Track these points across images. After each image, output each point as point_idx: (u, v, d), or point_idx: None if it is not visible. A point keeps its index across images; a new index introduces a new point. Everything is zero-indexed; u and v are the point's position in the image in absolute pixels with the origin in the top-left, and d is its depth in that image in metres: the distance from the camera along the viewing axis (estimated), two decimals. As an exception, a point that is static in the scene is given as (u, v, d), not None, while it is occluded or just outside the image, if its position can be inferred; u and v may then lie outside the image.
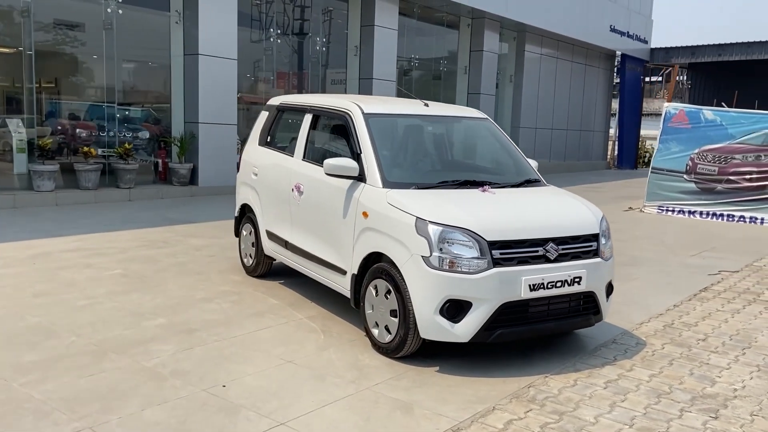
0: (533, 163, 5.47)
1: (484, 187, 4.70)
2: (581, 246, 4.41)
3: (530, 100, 22.48)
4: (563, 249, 4.30)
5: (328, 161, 4.79)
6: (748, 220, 12.28)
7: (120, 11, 12.72)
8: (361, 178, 4.74)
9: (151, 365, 4.18)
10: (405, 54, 18.35)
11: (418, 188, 4.59)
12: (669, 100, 13.65)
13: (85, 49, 13.17)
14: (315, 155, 5.53)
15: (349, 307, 5.43)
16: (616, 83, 26.71)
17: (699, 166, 12.98)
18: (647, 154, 28.25)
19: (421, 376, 4.14)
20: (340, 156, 5.18)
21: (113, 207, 11.03)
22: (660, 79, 46.08)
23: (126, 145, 12.43)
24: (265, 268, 6.42)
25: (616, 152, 26.55)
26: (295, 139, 5.96)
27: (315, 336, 4.84)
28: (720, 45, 25.74)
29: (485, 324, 4.08)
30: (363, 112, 5.04)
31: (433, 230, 4.10)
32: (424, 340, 4.27)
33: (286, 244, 5.69)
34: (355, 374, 4.14)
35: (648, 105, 34.82)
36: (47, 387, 3.80)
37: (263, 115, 6.55)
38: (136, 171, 12.52)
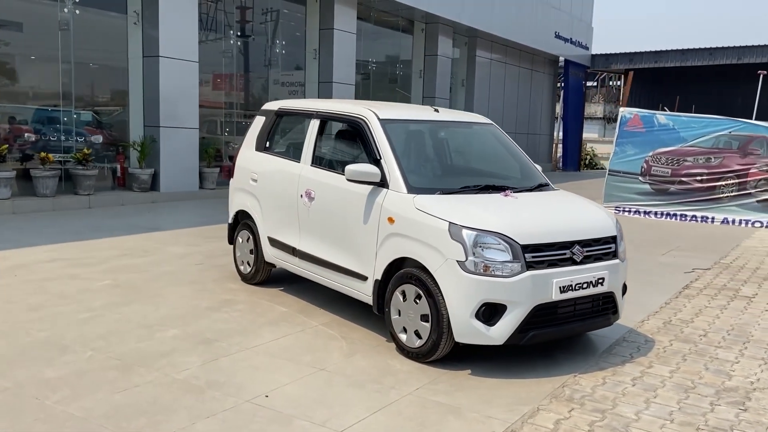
0: (538, 167, 5.61)
1: (506, 191, 4.80)
2: (602, 248, 4.56)
3: (481, 104, 22.89)
4: (587, 251, 4.44)
5: (350, 167, 4.78)
6: (699, 219, 12.88)
7: (77, 11, 12.29)
8: (382, 183, 4.75)
9: (182, 377, 4.08)
10: (362, 57, 18.39)
11: (443, 193, 4.65)
12: (624, 105, 14.17)
13: (38, 52, 12.67)
14: (326, 161, 5.51)
15: (361, 312, 5.46)
16: (560, 88, 27.50)
17: (653, 168, 13.53)
18: (587, 157, 29.24)
19: (456, 380, 4.19)
20: (352, 162, 5.19)
21: (74, 215, 10.65)
22: (595, 84, 47.65)
23: (85, 150, 12.00)
24: (264, 276, 6.34)
25: (560, 154, 27.34)
26: (299, 144, 5.91)
27: (337, 343, 4.82)
28: (657, 52, 26.88)
29: (519, 326, 4.17)
30: (379, 118, 5.06)
31: (468, 235, 4.16)
32: (456, 343, 4.32)
33: (294, 251, 5.64)
34: (392, 380, 4.16)
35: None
36: (83, 404, 3.66)
37: (259, 120, 6.47)
38: (95, 177, 12.12)
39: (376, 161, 4.86)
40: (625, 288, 4.86)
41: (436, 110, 5.57)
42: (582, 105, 27.62)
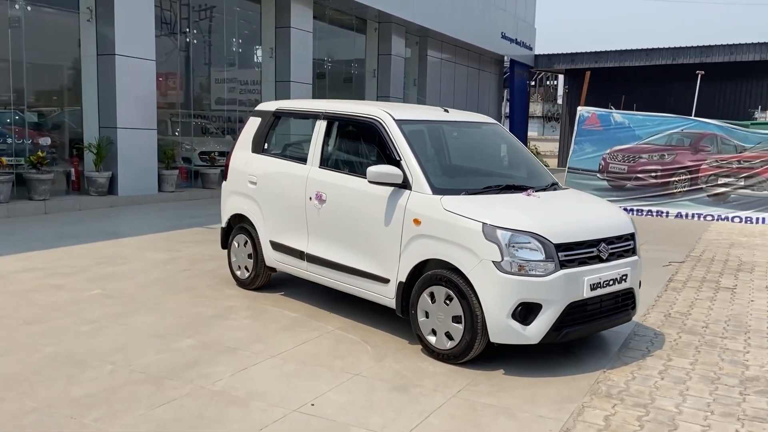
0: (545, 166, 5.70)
1: (528, 191, 4.85)
2: (623, 245, 4.68)
3: (433, 103, 23.04)
4: (611, 249, 4.54)
5: (372, 168, 4.73)
6: (655, 213, 13.37)
7: (28, 8, 11.71)
8: (404, 185, 4.72)
9: (219, 389, 3.94)
10: (317, 57, 18.24)
11: (468, 194, 4.66)
12: (582, 105, 14.56)
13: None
14: (337, 162, 5.43)
15: (373, 315, 5.42)
16: (506, 87, 28.02)
17: (610, 165, 13.97)
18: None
19: (494, 380, 4.21)
20: (367, 163, 5.15)
21: (32, 221, 10.16)
22: (533, 83, 48.85)
23: (39, 153, 11.45)
24: (264, 280, 6.21)
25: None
26: (303, 145, 5.82)
27: (361, 347, 4.77)
28: (596, 53, 27.73)
29: (554, 324, 4.22)
30: (394, 119, 5.02)
31: (503, 235, 4.19)
32: (489, 344, 4.34)
33: (302, 255, 5.54)
34: (431, 383, 4.14)
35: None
36: (125, 421, 3.50)
37: (254, 122, 6.32)
38: (51, 181, 11.59)
39: (396, 162, 4.82)
40: (639, 283, 4.99)
41: (446, 110, 5.58)
42: (527, 104, 28.26)
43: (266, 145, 6.16)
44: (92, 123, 12.77)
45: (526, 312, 4.20)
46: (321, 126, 5.55)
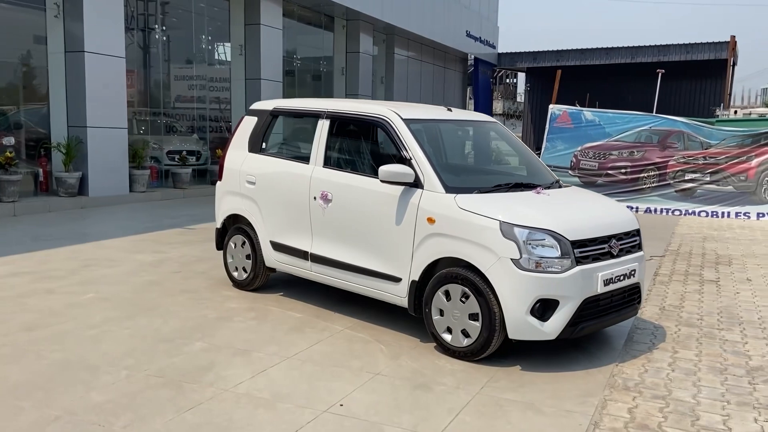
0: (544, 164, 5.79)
1: (537, 189, 4.92)
2: (631, 241, 4.79)
3: (400, 101, 23.15)
4: (621, 244, 4.64)
5: (384, 168, 4.74)
6: (625, 209, 13.67)
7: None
8: (415, 184, 4.74)
9: (243, 391, 3.90)
10: (285, 54, 18.11)
11: (480, 192, 4.70)
12: (553, 103, 14.79)
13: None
14: (343, 162, 5.42)
15: (378, 314, 5.44)
16: (470, 85, 28.28)
17: (582, 162, 14.24)
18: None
19: (513, 377, 4.27)
20: (374, 162, 5.16)
21: (4, 224, 9.88)
22: (493, 81, 49.30)
23: (8, 153, 11.10)
24: (262, 281, 6.15)
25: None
26: (304, 145, 5.78)
27: (375, 346, 4.77)
28: (558, 51, 28.23)
29: (570, 320, 4.30)
30: (402, 118, 5.04)
31: (521, 233, 4.24)
32: (507, 340, 4.40)
33: (306, 255, 5.51)
34: (452, 380, 4.17)
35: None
36: (154, 426, 3.43)
37: (250, 121, 6.25)
38: (20, 182, 11.24)
39: (406, 161, 4.83)
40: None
41: (450, 110, 5.61)
42: (491, 102, 28.58)
43: (264, 144, 6.10)
44: (60, 122, 12.43)
45: (543, 308, 4.27)
46: (323, 125, 5.52)
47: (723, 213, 13.10)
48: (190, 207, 12.43)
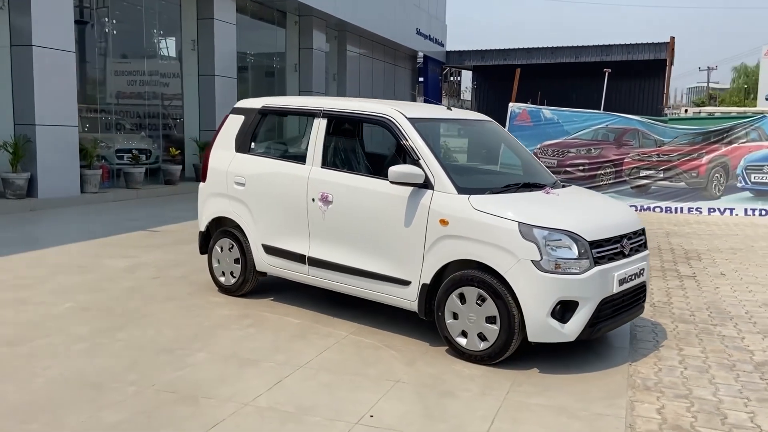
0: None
1: (546, 189, 4.89)
2: (638, 240, 4.82)
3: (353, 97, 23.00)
4: (631, 244, 4.66)
5: (394, 168, 4.61)
6: (583, 206, 13.95)
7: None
8: (425, 184, 4.64)
9: (265, 405, 3.72)
10: (238, 50, 17.69)
11: (492, 193, 4.64)
12: (513, 101, 14.93)
13: None
14: (343, 162, 5.26)
15: (380, 318, 5.33)
16: (420, 83, 28.37)
17: (541, 159, 14.37)
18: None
19: (535, 380, 4.22)
20: (377, 163, 5.04)
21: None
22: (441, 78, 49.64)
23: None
24: (252, 286, 5.93)
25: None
26: (299, 144, 5.61)
27: (386, 353, 4.64)
28: (505, 50, 28.64)
29: (589, 321, 4.28)
30: (407, 117, 4.92)
31: (540, 234, 4.20)
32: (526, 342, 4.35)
33: (304, 258, 5.33)
34: (475, 386, 4.09)
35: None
36: (182, 449, 3.22)
37: (236, 120, 6.01)
38: (-35, 184, 10.58)
39: (414, 162, 4.72)
40: None
41: (449, 109, 5.53)
42: (440, 99, 28.70)
43: (253, 144, 5.87)
44: (6, 120, 11.73)
45: (563, 310, 4.23)
46: (320, 124, 5.35)
47: (676, 209, 13.51)
48: (146, 208, 11.97)
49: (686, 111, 20.68)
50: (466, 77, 38.98)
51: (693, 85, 77.51)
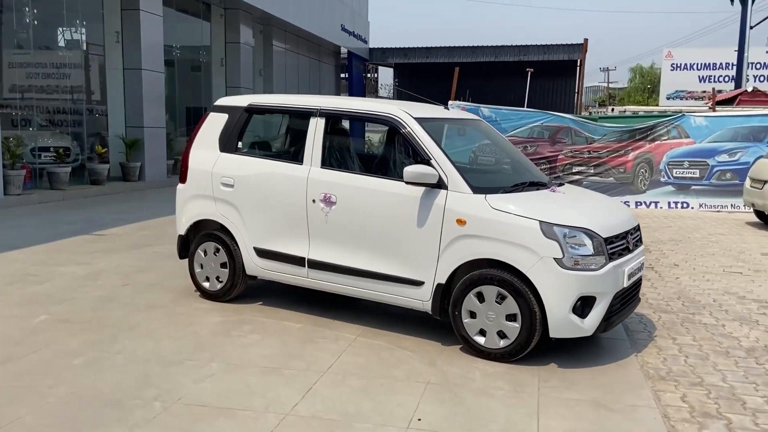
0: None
1: (552, 187, 4.99)
2: (636, 235, 5.01)
3: (280, 93, 22.62)
4: (633, 239, 4.85)
5: (409, 169, 4.58)
6: (519, 201, 14.38)
7: None
8: (438, 184, 4.63)
9: (307, 414, 3.61)
10: (165, 43, 17.00)
11: (504, 192, 4.69)
12: (452, 99, 15.14)
13: None
14: (347, 162, 5.16)
15: (384, 319, 5.30)
16: (345, 79, 28.29)
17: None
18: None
19: (558, 375, 4.30)
20: (383, 163, 4.99)
21: None
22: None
23: None
24: (240, 290, 5.73)
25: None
26: (293, 144, 5.47)
27: (401, 353, 4.61)
28: (428, 48, 29.01)
29: (605, 315, 4.42)
30: (414, 117, 4.90)
31: (561, 232, 4.29)
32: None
33: (303, 261, 5.20)
34: (504, 383, 4.12)
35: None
36: (242, 466, 3.07)
37: (218, 118, 5.77)
38: None
39: (425, 162, 4.70)
40: None
41: (447, 109, 5.53)
42: (364, 96, 28.71)
43: (240, 143, 5.66)
44: None
45: (583, 305, 4.35)
46: (318, 124, 5.23)
47: (607, 203, 14.15)
48: (79, 211, 11.29)
49: (613, 110, 21.71)
50: (385, 74, 39.24)
51: (592, 85, 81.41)
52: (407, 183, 4.62)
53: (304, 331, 5.03)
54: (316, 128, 5.23)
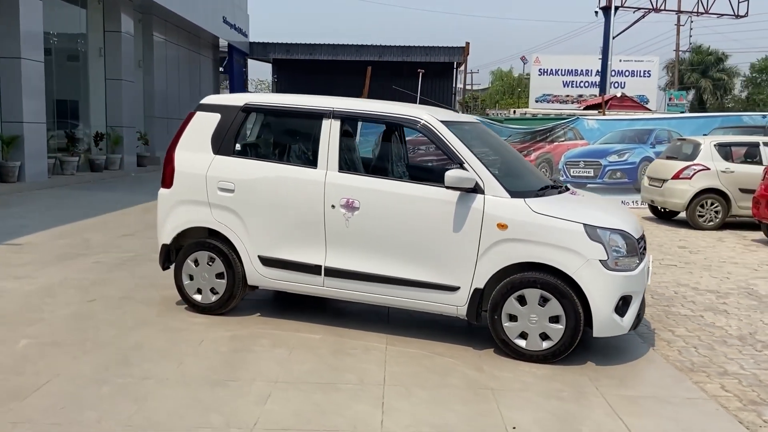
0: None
1: (572, 190, 5.12)
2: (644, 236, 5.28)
3: (160, 86, 21.42)
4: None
5: (450, 173, 4.51)
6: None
7: None
8: (474, 189, 4.60)
9: (400, 430, 3.45)
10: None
11: (537, 195, 4.75)
12: (365, 98, 15.04)
13: None
14: (369, 167, 4.98)
15: (403, 325, 5.19)
16: (225, 73, 27.32)
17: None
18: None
19: (602, 373, 4.41)
20: (412, 167, 4.89)
21: None
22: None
23: None
24: (238, 302, 5.36)
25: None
26: (302, 147, 5.21)
27: (442, 361, 4.54)
28: (312, 45, 28.69)
29: (638, 312, 4.63)
30: (440, 120, 4.84)
31: (604, 234, 4.42)
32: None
33: (319, 269, 4.96)
34: (563, 386, 4.17)
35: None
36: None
37: (207, 118, 5.34)
38: None
39: (459, 166, 4.66)
40: None
41: (456, 111, 5.50)
42: (245, 91, 27.87)
43: (239, 145, 5.29)
44: None
45: (622, 305, 4.52)
46: (333, 126, 5.00)
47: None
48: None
49: (514, 112, 22.67)
50: (258, 69, 38.26)
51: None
52: (447, 188, 4.55)
53: (327, 342, 4.80)
54: (330, 131, 5.00)
